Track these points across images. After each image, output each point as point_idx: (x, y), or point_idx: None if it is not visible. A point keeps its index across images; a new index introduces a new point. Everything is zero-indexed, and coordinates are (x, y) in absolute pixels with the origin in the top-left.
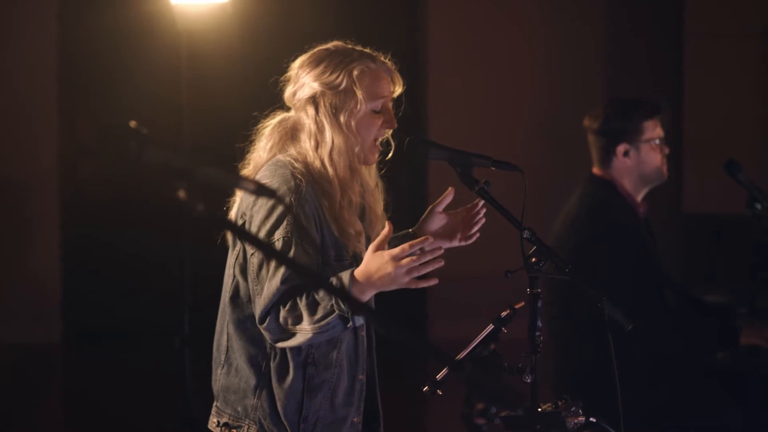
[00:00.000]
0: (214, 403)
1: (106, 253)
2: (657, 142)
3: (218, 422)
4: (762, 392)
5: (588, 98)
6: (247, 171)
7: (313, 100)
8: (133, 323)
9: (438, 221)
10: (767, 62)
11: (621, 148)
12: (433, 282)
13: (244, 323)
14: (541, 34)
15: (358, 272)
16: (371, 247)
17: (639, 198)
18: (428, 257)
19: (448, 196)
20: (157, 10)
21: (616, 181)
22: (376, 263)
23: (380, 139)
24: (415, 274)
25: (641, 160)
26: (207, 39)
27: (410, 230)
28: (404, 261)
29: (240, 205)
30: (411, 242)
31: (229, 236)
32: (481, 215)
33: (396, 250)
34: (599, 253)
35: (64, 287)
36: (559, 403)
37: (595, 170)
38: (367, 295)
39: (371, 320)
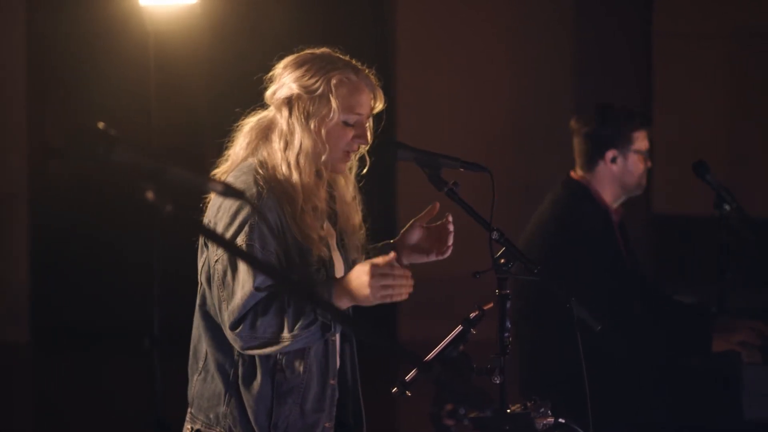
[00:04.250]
0: (189, 409)
1: (75, 253)
2: (644, 153)
3: (191, 428)
4: (734, 392)
5: (557, 99)
6: (224, 167)
7: (289, 101)
8: (102, 323)
9: (417, 234)
10: (736, 63)
11: (610, 154)
12: (403, 297)
13: (213, 330)
14: (510, 33)
15: (338, 280)
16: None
17: (615, 205)
18: (402, 282)
19: (432, 211)
20: (125, 11)
21: (593, 186)
22: (357, 270)
23: (353, 153)
24: (385, 293)
25: (627, 169)
26: (176, 40)
27: (391, 241)
28: (382, 280)
29: (208, 211)
30: (398, 267)
31: (201, 242)
32: (451, 229)
33: (378, 259)
34: (569, 259)
35: (32, 287)
36: (528, 404)
37: (573, 174)
38: (343, 303)
39: (341, 321)
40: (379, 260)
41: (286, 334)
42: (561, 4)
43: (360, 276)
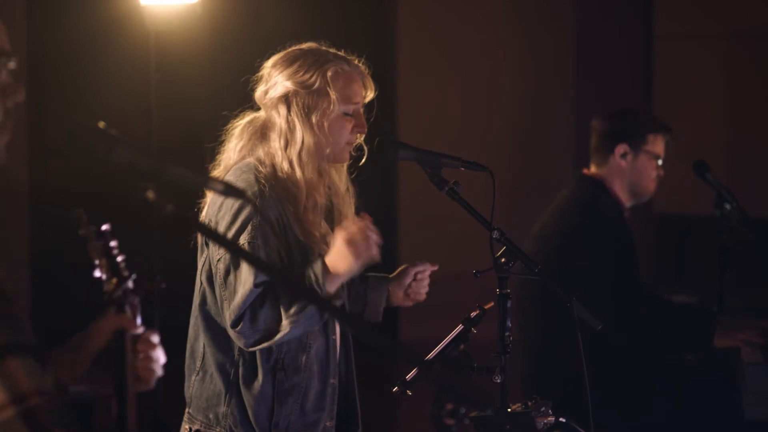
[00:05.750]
0: (186, 410)
1: (76, 253)
2: (656, 158)
3: (190, 429)
4: (734, 392)
5: (558, 99)
6: (217, 172)
7: (286, 99)
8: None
9: (409, 279)
10: (736, 63)
11: (620, 149)
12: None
13: (213, 330)
14: (511, 34)
15: (324, 256)
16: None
17: (626, 206)
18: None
19: (432, 267)
20: (126, 11)
21: (607, 181)
22: (335, 241)
23: (353, 143)
24: (363, 250)
25: (636, 168)
26: (176, 40)
27: (389, 276)
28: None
29: (207, 210)
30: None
31: (199, 241)
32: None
33: (347, 224)
34: (584, 241)
35: (32, 286)
36: (529, 403)
37: (586, 171)
38: (335, 278)
39: (341, 321)
40: (349, 224)
41: (284, 321)
42: (561, 5)
43: (338, 244)
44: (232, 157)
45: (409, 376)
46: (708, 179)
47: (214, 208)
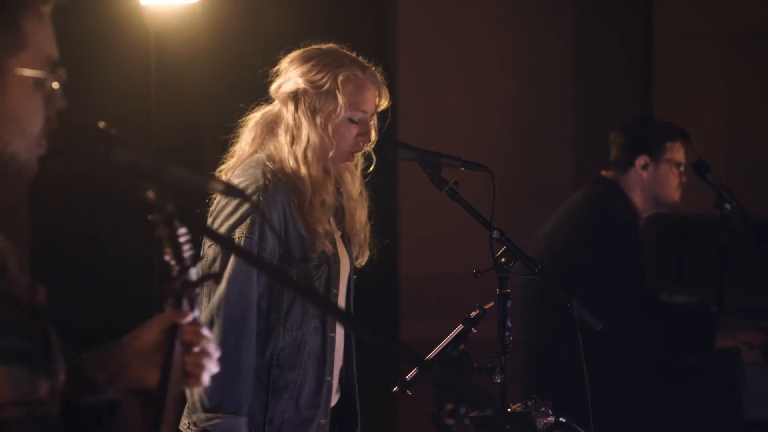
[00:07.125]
0: (186, 404)
1: (75, 254)
2: (677, 165)
3: (188, 423)
4: (734, 392)
5: (557, 99)
6: (230, 162)
7: (295, 95)
8: (102, 323)
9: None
10: (736, 63)
11: (640, 161)
12: None
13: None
14: (511, 33)
15: None
16: None
17: (644, 215)
18: None
19: None
20: (126, 11)
21: (625, 188)
22: None
23: (358, 152)
24: None
25: (658, 178)
26: (176, 40)
27: None
28: None
29: (215, 202)
30: None
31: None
32: None
33: None
34: (590, 243)
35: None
36: (529, 403)
37: (604, 172)
38: None
39: (341, 320)
40: None
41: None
42: (561, 5)
43: None
44: (246, 149)
45: (409, 376)
46: (708, 179)
47: (219, 199)
